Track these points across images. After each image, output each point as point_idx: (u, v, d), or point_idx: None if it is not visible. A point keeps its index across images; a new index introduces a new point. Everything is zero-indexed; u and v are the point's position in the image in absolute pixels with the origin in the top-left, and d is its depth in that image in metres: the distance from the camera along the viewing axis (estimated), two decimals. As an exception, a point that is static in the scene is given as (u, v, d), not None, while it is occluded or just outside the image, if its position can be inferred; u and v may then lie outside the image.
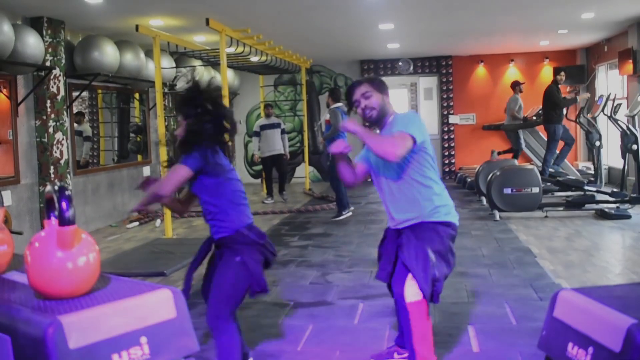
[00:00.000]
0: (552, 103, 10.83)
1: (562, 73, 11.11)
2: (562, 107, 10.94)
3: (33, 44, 7.57)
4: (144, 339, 2.03)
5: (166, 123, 10.84)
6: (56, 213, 2.13)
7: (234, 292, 3.38)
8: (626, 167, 9.84)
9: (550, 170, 10.91)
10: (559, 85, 11.08)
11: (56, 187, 2.15)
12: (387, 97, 3.54)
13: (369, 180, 3.78)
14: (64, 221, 2.09)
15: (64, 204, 2.10)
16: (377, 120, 3.51)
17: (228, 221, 3.42)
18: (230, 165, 3.54)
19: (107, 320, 1.99)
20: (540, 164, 11.61)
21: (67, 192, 2.13)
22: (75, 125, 9.36)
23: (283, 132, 11.80)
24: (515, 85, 12.53)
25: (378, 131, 3.57)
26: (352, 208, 9.71)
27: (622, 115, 9.91)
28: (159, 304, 2.13)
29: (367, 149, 3.58)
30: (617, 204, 9.15)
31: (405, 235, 3.46)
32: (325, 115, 10.50)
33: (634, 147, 9.34)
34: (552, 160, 11.16)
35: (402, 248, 3.43)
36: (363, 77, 3.60)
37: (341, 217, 9.47)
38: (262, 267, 3.50)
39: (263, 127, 11.63)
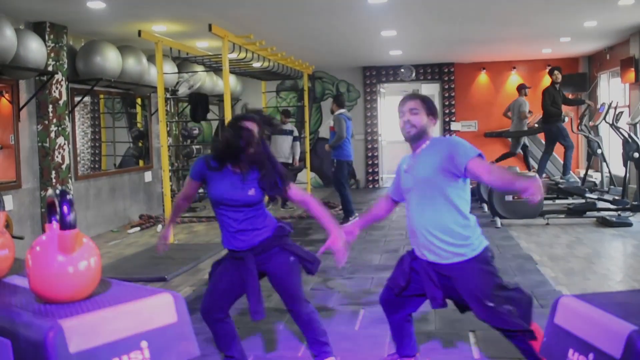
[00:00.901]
0: (552, 103, 10.80)
1: (556, 72, 11.05)
2: (569, 105, 10.88)
3: (35, 49, 7.59)
4: (144, 344, 2.03)
5: (168, 128, 10.86)
6: (57, 217, 2.13)
7: (300, 286, 3.80)
8: (628, 175, 9.84)
9: (561, 181, 10.87)
10: (557, 84, 11.05)
11: (57, 191, 2.16)
12: (432, 122, 3.49)
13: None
14: (65, 225, 2.09)
15: (65, 208, 2.10)
16: (412, 139, 3.46)
17: (268, 222, 3.69)
18: None
19: (108, 324, 1.99)
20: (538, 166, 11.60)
21: (68, 196, 2.13)
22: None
23: (295, 139, 11.69)
24: (521, 88, 12.53)
25: (412, 150, 3.54)
26: (356, 214, 9.70)
27: (623, 123, 9.91)
28: (160, 308, 2.13)
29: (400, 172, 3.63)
30: (619, 212, 9.15)
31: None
32: (329, 122, 10.50)
33: (636, 155, 9.34)
34: (549, 159, 11.14)
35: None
36: (419, 94, 3.60)
37: (347, 224, 9.40)
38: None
39: (274, 132, 11.48)
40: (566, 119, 11.22)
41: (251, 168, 3.54)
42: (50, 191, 2.23)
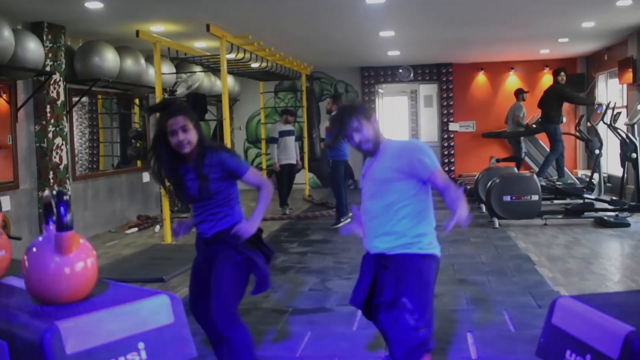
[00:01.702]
0: (558, 103, 10.77)
1: (562, 73, 11.01)
2: (579, 104, 10.84)
3: (33, 49, 7.58)
4: (141, 345, 2.03)
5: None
6: (54, 218, 2.13)
7: (234, 289, 3.42)
8: (625, 175, 9.84)
9: (558, 183, 10.87)
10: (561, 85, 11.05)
11: (54, 192, 2.15)
12: (376, 122, 3.41)
13: None
14: (61, 226, 2.09)
15: (62, 209, 2.10)
16: (373, 150, 3.37)
17: (234, 215, 3.49)
18: None
19: (105, 325, 1.99)
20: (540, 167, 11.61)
21: (65, 197, 2.13)
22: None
23: (297, 139, 11.47)
24: (519, 93, 12.54)
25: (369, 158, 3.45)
26: (351, 214, 9.68)
27: (621, 123, 9.92)
28: (157, 310, 2.13)
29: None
30: (616, 212, 9.15)
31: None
32: (325, 122, 10.47)
33: (634, 155, 9.34)
34: (554, 160, 11.13)
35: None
36: (348, 106, 3.45)
37: (339, 225, 9.36)
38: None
39: (282, 134, 11.10)
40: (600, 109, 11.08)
41: (199, 159, 3.41)
42: (47, 192, 2.23)
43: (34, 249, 2.15)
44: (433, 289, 3.28)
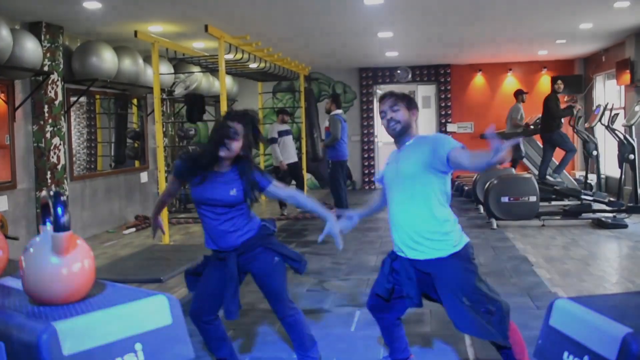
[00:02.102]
0: (550, 113, 10.86)
1: (560, 82, 11.10)
2: (559, 118, 10.93)
3: (31, 49, 7.57)
4: (139, 346, 2.02)
5: (164, 129, 10.84)
6: (51, 219, 2.12)
7: (285, 286, 3.70)
8: (623, 176, 9.85)
9: (549, 178, 10.90)
10: (558, 95, 11.09)
11: (52, 193, 2.15)
12: (414, 116, 3.51)
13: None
14: (59, 227, 2.09)
15: (59, 210, 2.09)
16: (399, 134, 3.47)
17: (252, 222, 3.64)
18: None
19: (102, 326, 1.98)
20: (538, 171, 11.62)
21: (62, 198, 2.12)
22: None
23: (293, 137, 11.38)
24: (519, 94, 12.55)
25: (397, 148, 3.56)
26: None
27: (619, 125, 9.93)
28: (155, 311, 2.12)
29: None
30: (614, 214, 9.16)
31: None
32: (325, 124, 10.46)
33: (631, 156, 9.35)
34: (548, 166, 11.16)
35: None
36: (394, 92, 3.60)
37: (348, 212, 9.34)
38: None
39: (281, 134, 11.00)
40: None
41: (232, 168, 3.54)
42: (44, 192, 2.22)
43: (31, 250, 2.14)
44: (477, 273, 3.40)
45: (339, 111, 9.93)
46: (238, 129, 3.45)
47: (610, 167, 11.75)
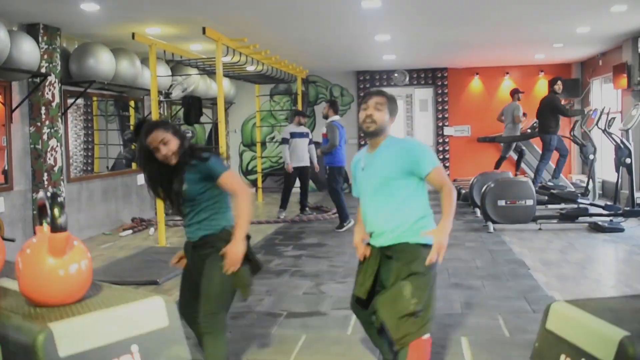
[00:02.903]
0: (552, 113, 10.83)
1: (559, 82, 11.06)
2: (568, 117, 10.94)
3: (28, 51, 7.57)
4: (135, 348, 2.02)
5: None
6: (48, 220, 2.12)
7: (222, 296, 3.46)
8: (620, 180, 9.87)
9: (549, 183, 10.91)
10: (557, 95, 11.11)
11: (48, 194, 2.15)
12: (392, 121, 3.52)
13: None
14: (55, 228, 2.08)
15: (56, 211, 2.09)
16: (371, 134, 3.47)
17: (215, 220, 3.51)
18: None
19: (98, 328, 1.98)
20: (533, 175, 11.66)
21: (59, 199, 2.12)
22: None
23: (311, 142, 11.16)
24: (515, 93, 12.58)
25: (371, 147, 3.55)
26: (351, 220, 9.67)
27: (616, 129, 9.95)
28: (151, 313, 2.12)
29: (354, 172, 3.69)
30: (611, 217, 9.17)
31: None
32: (322, 129, 10.45)
33: (628, 160, 9.37)
34: (545, 170, 11.18)
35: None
36: (385, 92, 3.58)
37: (344, 229, 9.37)
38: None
39: (293, 135, 10.84)
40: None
41: (182, 164, 3.47)
42: (41, 194, 2.22)
43: (28, 251, 2.14)
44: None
45: (337, 117, 9.91)
46: (158, 138, 3.42)
47: (607, 171, 11.76)
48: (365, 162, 3.55)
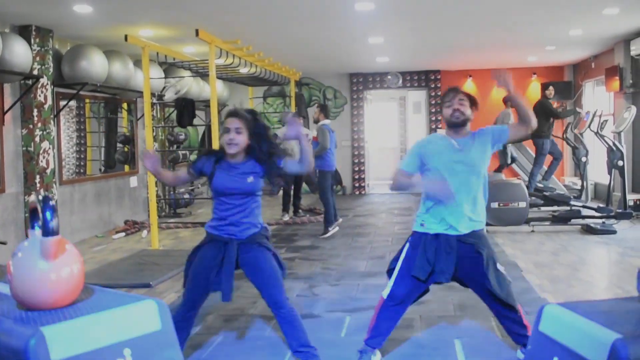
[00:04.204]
0: (545, 117, 10.86)
1: (551, 88, 11.16)
2: (560, 119, 10.99)
3: (21, 53, 7.54)
4: (127, 351, 2.01)
5: (154, 134, 10.82)
6: (40, 223, 2.11)
7: (281, 278, 3.93)
8: (612, 182, 9.90)
9: (539, 185, 10.96)
10: (550, 101, 11.16)
11: (40, 197, 2.14)
12: (473, 114, 4.03)
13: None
14: (47, 231, 2.08)
15: (47, 214, 2.08)
16: (459, 125, 3.95)
17: (258, 219, 3.95)
18: None
19: (91, 331, 1.97)
20: (527, 179, 11.68)
21: (51, 202, 2.11)
22: None
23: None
24: (508, 100, 12.59)
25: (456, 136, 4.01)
26: (340, 220, 9.65)
27: (608, 131, 9.98)
28: (144, 316, 2.11)
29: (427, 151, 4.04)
30: (603, 220, 9.20)
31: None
32: (312, 132, 10.42)
33: (620, 163, 9.40)
34: (539, 174, 11.21)
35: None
36: (461, 90, 4.11)
37: (328, 235, 9.27)
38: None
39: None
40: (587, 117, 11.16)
41: (247, 159, 3.87)
42: (32, 197, 2.21)
43: (20, 254, 2.13)
44: None
45: (327, 121, 9.91)
46: (233, 125, 3.80)
47: (599, 173, 11.81)
48: (459, 145, 3.95)
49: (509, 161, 12.64)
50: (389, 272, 4.06)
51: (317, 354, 3.94)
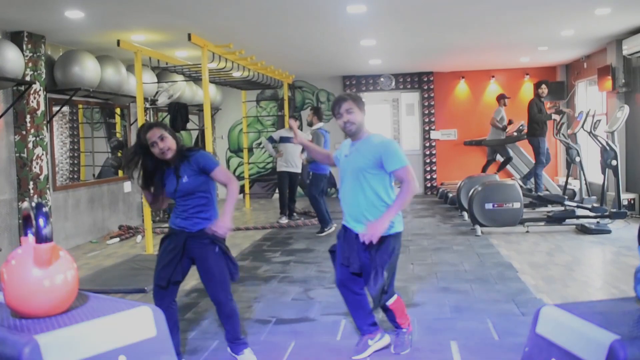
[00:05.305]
0: (530, 117, 10.95)
1: (544, 86, 11.12)
2: (538, 123, 11.03)
3: (13, 59, 7.51)
4: (123, 358, 2.00)
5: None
6: (33, 230, 2.10)
7: (227, 276, 4.10)
8: (606, 182, 9.92)
9: (519, 183, 10.95)
10: (542, 99, 11.16)
11: (33, 204, 2.12)
12: (364, 115, 4.13)
13: None
14: (40, 238, 2.06)
15: (41, 221, 2.07)
16: (354, 134, 4.11)
17: (212, 214, 4.10)
18: None
19: (85, 339, 1.95)
20: (521, 179, 11.71)
21: (44, 209, 2.10)
22: None
23: (304, 150, 11.07)
24: (500, 98, 12.65)
25: (350, 141, 4.22)
26: (334, 225, 9.64)
27: (601, 131, 10.00)
28: (139, 322, 2.10)
29: (338, 155, 4.33)
30: (597, 219, 9.22)
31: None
32: (307, 135, 10.43)
33: (614, 162, 9.42)
34: (542, 172, 11.20)
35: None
36: (349, 94, 4.22)
37: (324, 234, 9.42)
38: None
39: (283, 139, 10.68)
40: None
41: (179, 161, 4.05)
42: (25, 203, 2.19)
43: (13, 262, 2.12)
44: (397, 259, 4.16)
45: (321, 124, 9.92)
46: (156, 135, 3.98)
47: (592, 173, 11.83)
48: (349, 151, 4.15)
49: (511, 154, 12.67)
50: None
51: (246, 342, 4.33)
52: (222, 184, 4.05)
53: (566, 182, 11.24)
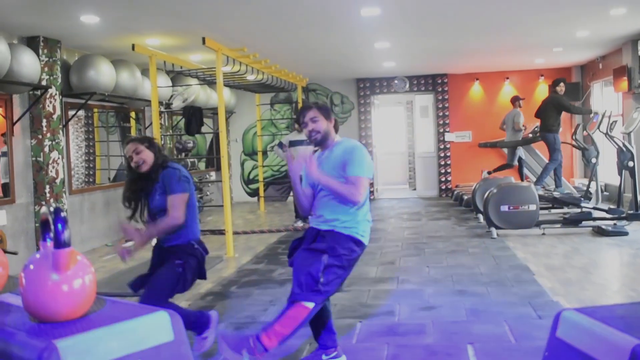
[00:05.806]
0: (556, 111, 10.68)
1: (562, 84, 10.91)
2: (572, 113, 10.87)
3: (29, 63, 7.57)
4: (140, 363, 2.00)
5: (162, 142, 10.83)
6: (51, 235, 2.10)
7: (168, 291, 4.09)
8: (623, 184, 9.85)
9: (555, 192, 10.83)
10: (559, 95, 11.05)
11: (51, 209, 2.13)
12: (331, 123, 4.06)
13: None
14: (59, 244, 2.07)
15: (59, 226, 2.07)
16: (320, 142, 4.06)
17: (186, 231, 4.15)
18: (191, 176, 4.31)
19: (103, 343, 1.96)
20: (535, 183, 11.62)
21: (62, 214, 2.10)
22: None
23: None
24: (515, 100, 12.56)
25: (320, 150, 4.15)
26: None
27: (618, 132, 9.93)
28: (156, 327, 2.10)
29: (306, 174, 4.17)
30: (614, 221, 9.15)
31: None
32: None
33: (630, 163, 9.35)
34: (553, 169, 11.08)
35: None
36: (315, 102, 4.22)
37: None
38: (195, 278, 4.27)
39: (293, 143, 10.53)
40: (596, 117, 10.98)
41: (154, 180, 4.11)
42: (44, 208, 2.20)
43: (31, 266, 2.12)
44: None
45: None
46: (131, 149, 4.09)
47: (609, 174, 11.75)
48: (319, 161, 4.07)
49: (514, 162, 12.58)
50: None
51: None
52: (168, 209, 4.06)
53: (588, 185, 11.13)
